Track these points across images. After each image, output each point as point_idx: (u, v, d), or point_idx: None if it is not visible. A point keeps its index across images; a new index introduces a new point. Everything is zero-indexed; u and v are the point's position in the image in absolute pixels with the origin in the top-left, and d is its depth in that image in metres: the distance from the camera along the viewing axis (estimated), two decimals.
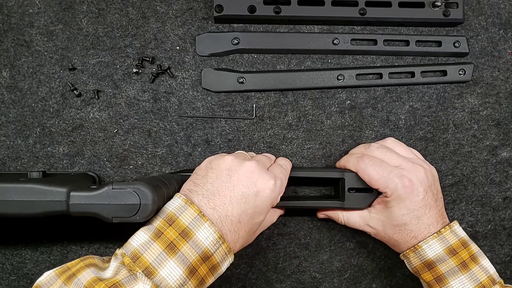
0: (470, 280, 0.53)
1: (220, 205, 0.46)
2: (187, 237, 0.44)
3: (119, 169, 0.64)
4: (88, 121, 0.64)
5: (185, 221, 0.44)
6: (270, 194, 0.49)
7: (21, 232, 0.64)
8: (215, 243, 0.44)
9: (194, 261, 0.43)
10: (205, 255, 0.44)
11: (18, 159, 0.64)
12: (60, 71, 0.64)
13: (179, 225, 0.44)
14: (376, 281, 0.67)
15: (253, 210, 0.47)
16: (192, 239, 0.44)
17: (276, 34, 0.66)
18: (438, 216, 0.56)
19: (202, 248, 0.44)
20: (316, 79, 0.66)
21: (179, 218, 0.45)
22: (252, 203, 0.47)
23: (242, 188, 0.47)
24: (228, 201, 0.47)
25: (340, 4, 0.64)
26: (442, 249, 0.54)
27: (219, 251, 0.45)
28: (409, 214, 0.55)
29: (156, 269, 0.42)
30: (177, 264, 0.42)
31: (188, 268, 0.43)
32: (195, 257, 0.43)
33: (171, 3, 0.65)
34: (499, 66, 0.68)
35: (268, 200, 0.49)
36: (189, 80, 0.65)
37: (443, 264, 0.54)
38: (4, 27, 0.64)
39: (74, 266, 0.42)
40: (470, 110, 0.67)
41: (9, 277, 0.64)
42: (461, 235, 0.55)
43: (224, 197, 0.47)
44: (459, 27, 0.68)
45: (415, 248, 0.55)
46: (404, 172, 0.55)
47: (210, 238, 0.44)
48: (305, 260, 0.66)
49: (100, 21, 0.65)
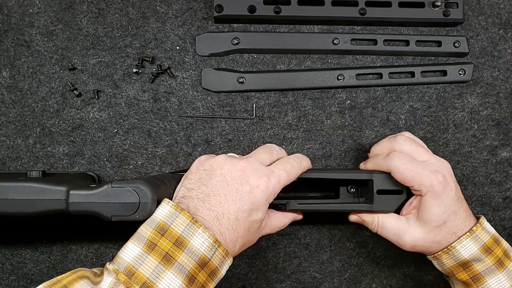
0: (508, 278, 0.52)
1: (216, 204, 0.46)
2: (182, 245, 0.43)
3: (119, 169, 0.64)
4: (88, 121, 0.64)
5: (178, 230, 0.43)
6: (264, 190, 0.47)
7: (21, 232, 0.64)
8: (211, 248, 0.43)
9: (192, 269, 0.42)
10: (203, 261, 0.43)
11: (18, 159, 0.64)
12: (60, 71, 0.64)
13: (172, 234, 0.43)
14: (376, 281, 0.67)
15: (249, 207, 0.47)
16: (188, 247, 0.43)
17: (276, 34, 0.66)
18: (467, 208, 0.55)
19: (198, 255, 0.43)
20: (316, 79, 0.66)
21: (171, 227, 0.43)
22: (247, 199, 0.47)
23: (236, 185, 0.47)
24: (223, 199, 0.46)
25: (340, 4, 0.65)
26: (477, 248, 0.52)
27: (216, 255, 0.44)
28: (447, 211, 0.52)
29: (154, 283, 0.41)
30: (175, 274, 0.42)
31: (187, 277, 0.42)
32: (192, 265, 0.42)
33: (171, 3, 0.65)
34: (499, 66, 0.68)
35: (263, 197, 0.47)
36: (189, 80, 0.65)
37: (479, 263, 0.52)
38: (4, 27, 0.64)
39: (65, 278, 0.41)
40: (470, 110, 0.67)
41: (9, 277, 0.64)
42: (492, 232, 0.54)
43: (219, 195, 0.46)
44: (459, 27, 0.68)
45: (448, 250, 0.53)
46: (435, 167, 0.53)
47: (206, 243, 0.43)
48: (305, 260, 0.66)
49: (100, 21, 0.65)
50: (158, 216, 0.44)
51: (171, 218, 0.44)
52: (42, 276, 0.64)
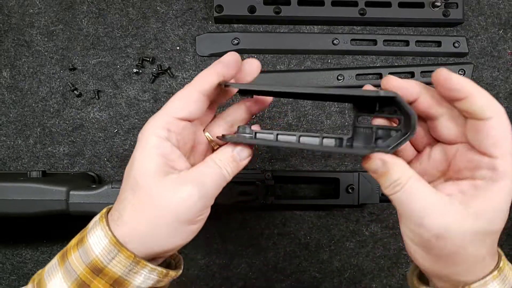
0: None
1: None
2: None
3: (120, 169, 0.64)
4: (88, 121, 0.64)
5: (117, 271, 0.35)
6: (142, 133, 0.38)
7: (21, 232, 0.64)
8: (109, 251, 0.35)
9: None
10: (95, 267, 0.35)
11: (18, 159, 0.64)
12: (61, 71, 0.64)
13: (110, 275, 0.35)
14: (375, 281, 0.67)
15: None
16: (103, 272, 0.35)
17: (276, 34, 0.66)
18: None
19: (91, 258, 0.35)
20: (316, 79, 0.66)
21: (108, 267, 0.35)
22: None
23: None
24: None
25: (340, 4, 0.65)
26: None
27: (115, 261, 0.35)
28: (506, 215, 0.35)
29: None
30: None
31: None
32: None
33: (171, 3, 0.65)
34: (499, 66, 0.68)
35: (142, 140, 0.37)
36: (189, 80, 0.65)
37: None
38: (4, 27, 0.64)
39: None
40: None
41: (9, 277, 0.64)
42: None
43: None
44: (459, 27, 0.68)
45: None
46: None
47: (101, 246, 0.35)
48: (305, 260, 0.66)
49: (101, 21, 0.65)
50: (94, 250, 0.35)
51: (108, 256, 0.35)
52: None
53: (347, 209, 0.66)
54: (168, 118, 0.36)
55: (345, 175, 0.61)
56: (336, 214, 0.66)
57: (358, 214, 0.66)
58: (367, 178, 0.61)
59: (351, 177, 0.60)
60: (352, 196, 0.61)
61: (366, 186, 0.60)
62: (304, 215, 0.66)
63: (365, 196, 0.61)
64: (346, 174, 0.61)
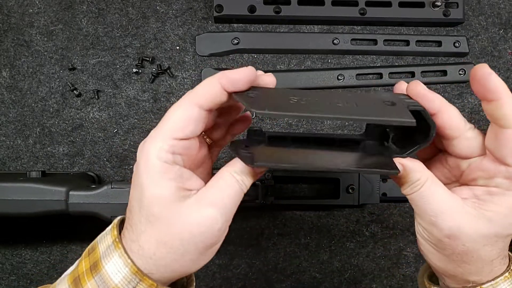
0: None
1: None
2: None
3: (119, 169, 0.64)
4: (88, 121, 0.64)
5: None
6: (140, 157, 0.35)
7: (21, 232, 0.64)
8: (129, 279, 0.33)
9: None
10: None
11: (18, 159, 0.64)
12: (60, 71, 0.64)
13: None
14: (376, 281, 0.67)
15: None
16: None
17: (276, 34, 0.66)
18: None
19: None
20: (316, 79, 0.66)
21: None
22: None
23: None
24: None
25: (340, 4, 0.64)
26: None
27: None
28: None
29: None
30: None
31: None
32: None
33: (171, 3, 0.65)
34: (499, 66, 0.68)
35: (141, 161, 0.35)
36: (189, 80, 0.65)
37: None
38: (4, 27, 0.64)
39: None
40: (470, 110, 0.67)
41: (9, 277, 0.64)
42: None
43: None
44: (459, 27, 0.68)
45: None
46: None
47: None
48: (305, 260, 0.66)
49: (100, 21, 0.65)
50: (113, 279, 0.33)
51: (129, 285, 0.33)
52: (42, 276, 0.64)
53: (347, 209, 0.66)
54: (170, 141, 0.34)
55: (345, 175, 0.61)
56: (336, 214, 0.66)
57: (358, 214, 0.66)
58: (367, 178, 0.61)
59: (351, 177, 0.60)
60: (352, 196, 0.61)
61: (366, 186, 0.60)
62: (304, 215, 0.66)
63: (366, 196, 0.61)
64: (346, 174, 0.61)
